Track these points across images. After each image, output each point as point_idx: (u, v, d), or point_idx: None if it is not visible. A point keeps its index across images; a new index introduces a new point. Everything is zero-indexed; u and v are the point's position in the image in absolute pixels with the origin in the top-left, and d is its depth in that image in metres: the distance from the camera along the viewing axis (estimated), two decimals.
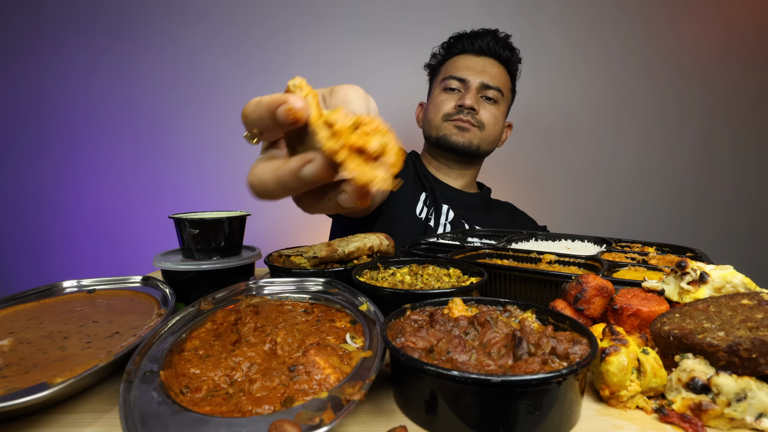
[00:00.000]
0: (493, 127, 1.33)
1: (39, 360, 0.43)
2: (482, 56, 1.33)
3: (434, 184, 1.35)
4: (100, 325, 0.52)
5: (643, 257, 0.73)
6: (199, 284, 0.70)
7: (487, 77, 1.30)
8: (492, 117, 1.32)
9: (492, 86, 1.30)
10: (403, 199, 1.27)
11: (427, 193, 1.32)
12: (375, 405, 0.40)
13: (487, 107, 1.31)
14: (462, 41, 1.35)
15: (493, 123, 1.32)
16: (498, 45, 1.33)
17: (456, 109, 1.29)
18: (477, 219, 1.33)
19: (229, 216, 0.73)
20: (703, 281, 0.46)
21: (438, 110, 1.32)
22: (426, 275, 0.65)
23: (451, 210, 1.29)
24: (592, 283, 0.49)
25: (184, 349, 0.45)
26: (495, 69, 1.33)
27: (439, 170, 1.40)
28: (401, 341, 0.40)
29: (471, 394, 0.34)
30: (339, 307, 0.55)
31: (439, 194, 1.32)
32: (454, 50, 1.36)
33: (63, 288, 0.66)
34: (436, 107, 1.33)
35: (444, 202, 1.31)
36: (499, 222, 1.37)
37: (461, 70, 1.31)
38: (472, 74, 1.30)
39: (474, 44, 1.33)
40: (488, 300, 0.49)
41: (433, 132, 1.33)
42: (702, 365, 0.37)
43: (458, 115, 1.28)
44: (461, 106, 1.28)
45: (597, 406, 0.40)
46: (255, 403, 0.34)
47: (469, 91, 1.29)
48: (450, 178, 1.40)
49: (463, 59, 1.33)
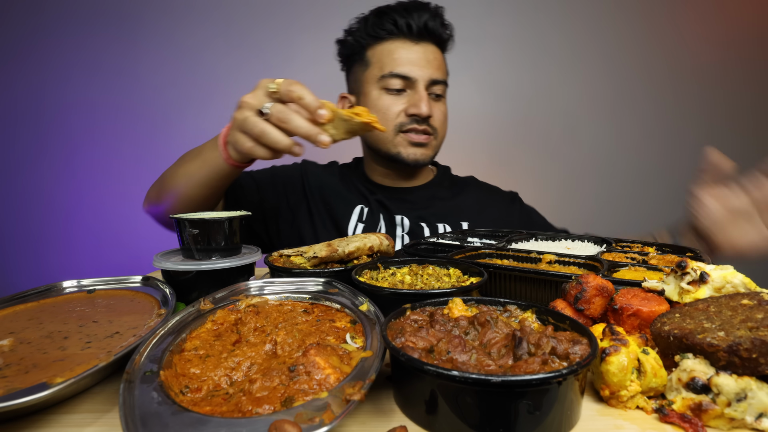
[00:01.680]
0: (443, 127, 1.18)
1: (39, 360, 0.43)
2: (421, 42, 1.11)
3: (382, 193, 1.22)
4: (100, 325, 0.52)
5: (643, 257, 0.73)
6: (199, 284, 0.70)
7: (433, 70, 1.11)
8: (442, 117, 1.16)
9: (439, 80, 1.13)
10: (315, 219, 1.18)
11: (367, 206, 1.19)
12: (375, 405, 0.40)
13: (438, 107, 1.14)
14: (393, 19, 1.10)
15: (443, 123, 1.17)
16: (436, 23, 1.12)
17: (408, 118, 1.10)
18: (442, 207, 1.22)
19: (229, 216, 0.73)
20: (703, 281, 0.46)
21: (386, 120, 1.11)
22: (426, 275, 0.65)
23: (405, 218, 1.18)
24: (592, 283, 0.49)
25: (184, 349, 0.45)
26: (437, 56, 1.14)
27: (389, 176, 1.25)
28: (401, 341, 0.40)
29: (471, 394, 0.34)
30: (339, 307, 0.55)
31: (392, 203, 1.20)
32: (381, 32, 1.11)
33: (63, 288, 0.66)
34: (382, 115, 1.11)
35: (398, 212, 1.19)
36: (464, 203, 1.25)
37: (405, 66, 1.09)
38: (418, 70, 1.09)
39: (411, 26, 1.09)
40: (488, 300, 0.49)
41: (383, 146, 1.14)
42: (702, 365, 0.37)
43: (412, 125, 1.10)
44: (416, 115, 1.09)
45: (597, 406, 0.40)
46: (255, 403, 0.34)
47: (419, 94, 1.09)
48: (401, 180, 1.26)
49: (401, 49, 1.10)
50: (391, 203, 1.20)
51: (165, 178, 1.00)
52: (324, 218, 1.19)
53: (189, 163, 0.93)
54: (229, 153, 0.84)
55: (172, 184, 0.96)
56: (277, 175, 1.24)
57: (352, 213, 1.18)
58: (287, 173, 1.25)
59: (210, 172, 0.89)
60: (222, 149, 0.84)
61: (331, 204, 1.20)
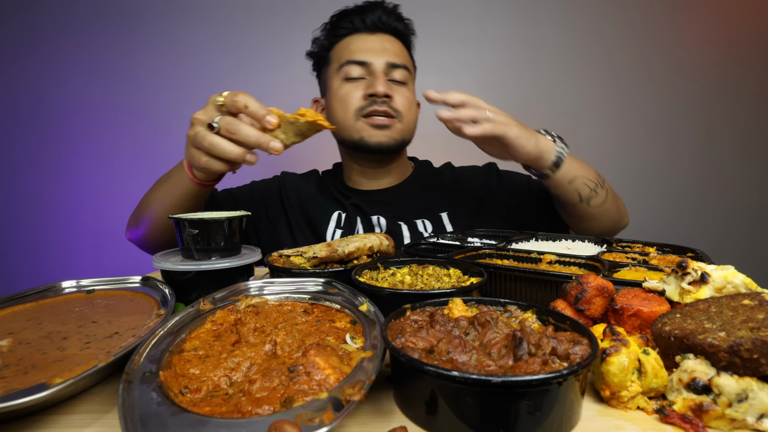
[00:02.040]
0: (409, 112, 1.18)
1: (38, 360, 0.43)
2: (377, 33, 1.17)
3: (357, 197, 1.24)
4: (100, 326, 0.52)
5: (644, 257, 0.72)
6: (199, 284, 0.69)
7: (391, 55, 1.14)
8: (406, 101, 1.16)
9: (399, 64, 1.15)
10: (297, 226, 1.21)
11: (343, 211, 1.21)
12: (375, 405, 0.40)
13: (399, 90, 1.15)
14: (349, 18, 1.17)
15: (409, 108, 1.17)
16: (391, 18, 1.18)
17: (367, 99, 1.11)
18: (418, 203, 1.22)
19: (229, 216, 0.73)
20: (704, 281, 0.46)
21: (346, 107, 1.13)
22: (426, 275, 0.65)
23: (382, 218, 1.19)
24: (593, 284, 0.49)
25: (183, 349, 0.45)
26: (395, 45, 1.18)
27: (365, 175, 1.26)
28: (401, 341, 0.40)
29: (471, 395, 0.33)
30: (339, 308, 0.55)
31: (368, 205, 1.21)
32: (340, 31, 1.18)
33: (62, 288, 0.66)
34: (342, 103, 1.14)
35: (375, 214, 1.20)
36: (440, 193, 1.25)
37: (360, 53, 1.13)
38: (373, 55, 1.13)
39: (365, 21, 1.16)
40: (488, 300, 0.49)
41: (347, 134, 1.16)
42: (703, 366, 0.37)
43: (372, 107, 1.11)
44: (373, 95, 1.11)
45: (597, 406, 0.40)
46: (255, 404, 0.34)
47: (375, 75, 1.12)
48: (377, 180, 1.26)
49: (356, 40, 1.16)
50: (367, 206, 1.21)
51: (140, 204, 1.04)
52: (303, 227, 1.22)
53: (160, 188, 0.97)
54: (193, 173, 0.86)
55: (147, 210, 1.00)
56: (255, 189, 1.28)
57: (329, 220, 1.20)
58: (266, 186, 1.29)
59: (179, 194, 0.91)
60: (187, 170, 0.87)
61: (309, 212, 1.22)
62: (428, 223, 1.19)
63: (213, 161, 0.77)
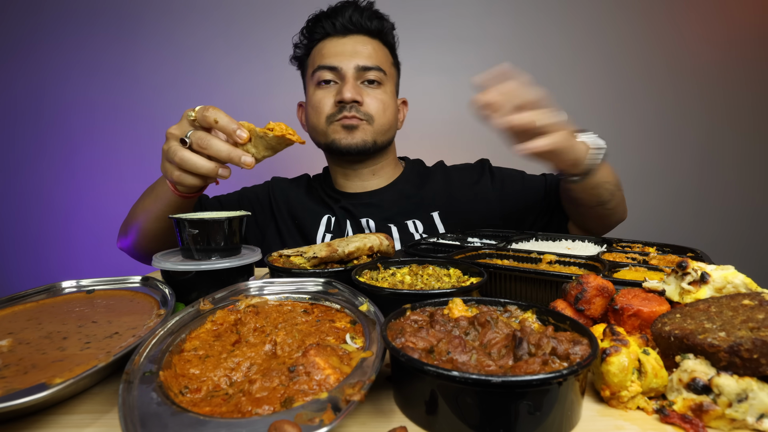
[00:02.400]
0: (384, 114, 1.16)
1: (38, 360, 0.43)
2: (349, 35, 1.16)
3: (346, 200, 1.23)
4: (100, 326, 0.52)
5: (644, 257, 0.73)
6: (199, 284, 0.69)
7: (362, 58, 1.13)
8: (379, 104, 1.15)
9: (370, 66, 1.13)
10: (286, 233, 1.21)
11: (333, 215, 1.21)
12: (375, 405, 0.40)
13: (372, 93, 1.15)
14: (321, 23, 1.17)
15: (383, 110, 1.16)
16: (363, 17, 1.15)
17: (337, 106, 1.13)
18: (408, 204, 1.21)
19: (229, 216, 0.73)
20: (704, 281, 0.46)
21: (318, 113, 1.15)
22: (426, 275, 0.65)
23: (371, 221, 1.18)
24: (593, 284, 0.49)
25: (183, 349, 0.45)
26: (368, 46, 1.16)
27: (348, 177, 1.26)
28: (401, 341, 0.40)
29: (471, 395, 0.33)
30: (339, 308, 0.55)
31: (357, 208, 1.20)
32: (315, 35, 1.18)
33: (62, 288, 0.66)
34: (315, 109, 1.16)
35: (364, 215, 1.19)
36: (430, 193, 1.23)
37: (329, 57, 1.14)
38: (343, 59, 1.13)
39: (335, 24, 1.15)
40: (488, 300, 0.49)
41: (321, 139, 1.18)
42: (703, 366, 0.37)
43: (341, 114, 1.12)
44: (341, 102, 1.11)
45: (597, 406, 0.40)
46: (255, 404, 0.34)
47: (345, 80, 1.12)
48: (362, 181, 1.26)
49: (328, 44, 1.16)
50: (356, 209, 1.20)
51: (129, 214, 1.06)
52: (293, 233, 1.22)
53: (146, 199, 0.98)
54: (175, 186, 0.86)
55: (134, 220, 1.01)
56: (244, 196, 1.28)
57: (319, 224, 1.20)
58: (255, 193, 1.29)
59: (163, 206, 0.92)
60: (169, 183, 0.87)
61: (299, 217, 1.22)
62: (419, 224, 1.18)
63: (185, 175, 0.77)
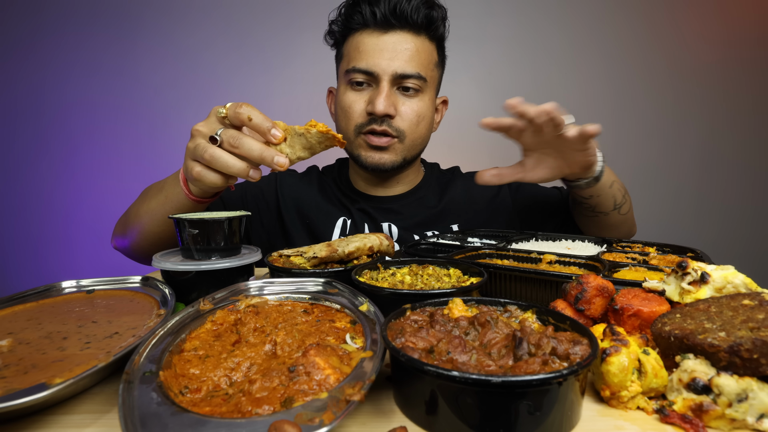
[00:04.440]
0: (417, 128, 1.06)
1: (38, 360, 0.43)
2: (390, 31, 1.00)
3: (366, 202, 1.15)
4: (100, 326, 0.52)
5: (644, 257, 0.72)
6: (199, 284, 0.69)
7: (401, 63, 0.99)
8: (414, 116, 1.04)
9: (409, 74, 1.00)
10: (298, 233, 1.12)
11: (349, 217, 1.13)
12: (375, 405, 0.40)
13: (407, 102, 1.03)
14: (359, 8, 1.01)
15: (416, 123, 1.05)
16: (410, 7, 0.98)
17: (367, 117, 1.02)
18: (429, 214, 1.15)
19: (229, 216, 0.73)
20: (704, 281, 0.46)
21: (348, 119, 1.05)
22: (426, 275, 0.65)
23: (393, 225, 1.12)
24: (593, 284, 0.49)
25: (183, 349, 0.45)
26: (410, 46, 1.00)
27: (370, 182, 1.17)
28: (401, 341, 0.40)
29: (471, 395, 0.33)
30: (339, 308, 0.55)
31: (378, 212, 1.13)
32: (351, 24, 1.04)
33: (62, 288, 0.66)
34: (345, 114, 1.05)
35: (385, 220, 1.12)
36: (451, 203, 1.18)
37: (365, 59, 1.00)
38: (380, 63, 0.99)
39: (376, 13, 0.99)
40: (488, 300, 0.49)
41: (347, 147, 1.08)
42: (703, 366, 0.37)
43: (370, 126, 1.02)
44: (371, 113, 1.01)
45: (597, 406, 0.40)
46: (255, 404, 0.34)
47: (380, 89, 1.00)
48: (387, 188, 1.17)
49: (366, 39, 1.01)
50: (377, 212, 1.13)
51: (129, 214, 0.98)
52: (303, 236, 1.13)
53: (152, 200, 0.91)
54: (189, 188, 0.82)
55: (136, 221, 0.94)
56: (248, 192, 1.18)
57: (334, 226, 1.12)
58: (260, 188, 1.18)
59: (173, 209, 0.86)
60: (183, 185, 0.82)
61: (311, 218, 1.13)
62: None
63: (208, 173, 0.72)
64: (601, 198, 0.94)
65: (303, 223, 1.14)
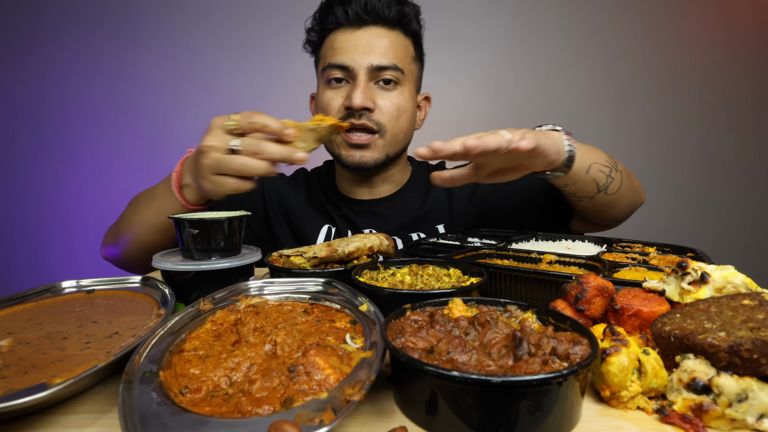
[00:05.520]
0: (397, 121, 1.04)
1: (38, 360, 0.43)
2: (363, 27, 1.01)
3: (348, 206, 1.14)
4: (100, 326, 0.52)
5: (644, 257, 0.73)
6: (199, 284, 0.69)
7: (376, 55, 0.99)
8: (393, 109, 1.03)
9: (385, 66, 1.00)
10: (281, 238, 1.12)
11: (333, 225, 1.12)
12: (375, 405, 0.40)
13: (386, 96, 1.02)
14: (333, 10, 1.02)
15: (396, 116, 1.03)
16: (381, 4, 1.00)
17: (345, 112, 1.01)
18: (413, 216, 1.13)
19: (229, 216, 0.73)
20: (704, 281, 0.46)
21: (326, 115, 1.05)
22: (426, 275, 0.65)
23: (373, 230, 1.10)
24: (593, 284, 0.49)
25: (183, 349, 0.45)
26: (384, 40, 1.01)
27: (355, 183, 1.16)
28: (401, 341, 0.40)
29: (471, 395, 0.33)
30: (339, 308, 0.55)
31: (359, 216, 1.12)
32: (327, 24, 1.05)
33: (62, 288, 0.66)
34: (323, 111, 1.05)
35: (366, 225, 1.11)
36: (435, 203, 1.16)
37: (340, 54, 1.00)
38: (355, 56, 0.99)
39: (348, 12, 1.00)
40: (488, 300, 0.49)
41: (328, 145, 1.07)
42: (703, 366, 0.37)
43: (350, 120, 1.00)
44: (349, 108, 1.00)
45: (597, 406, 0.40)
46: (255, 404, 0.34)
47: (356, 82, 0.99)
48: (372, 188, 1.16)
49: (341, 37, 1.02)
50: (358, 217, 1.12)
51: (121, 224, 0.98)
52: (290, 240, 1.14)
53: (144, 210, 0.91)
54: (185, 197, 0.83)
55: (128, 230, 0.94)
56: (236, 198, 1.17)
57: (318, 234, 1.12)
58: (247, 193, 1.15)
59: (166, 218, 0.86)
60: (177, 194, 0.83)
61: (297, 224, 1.14)
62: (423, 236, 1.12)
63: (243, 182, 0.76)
64: (578, 185, 0.90)
65: (290, 228, 1.15)
